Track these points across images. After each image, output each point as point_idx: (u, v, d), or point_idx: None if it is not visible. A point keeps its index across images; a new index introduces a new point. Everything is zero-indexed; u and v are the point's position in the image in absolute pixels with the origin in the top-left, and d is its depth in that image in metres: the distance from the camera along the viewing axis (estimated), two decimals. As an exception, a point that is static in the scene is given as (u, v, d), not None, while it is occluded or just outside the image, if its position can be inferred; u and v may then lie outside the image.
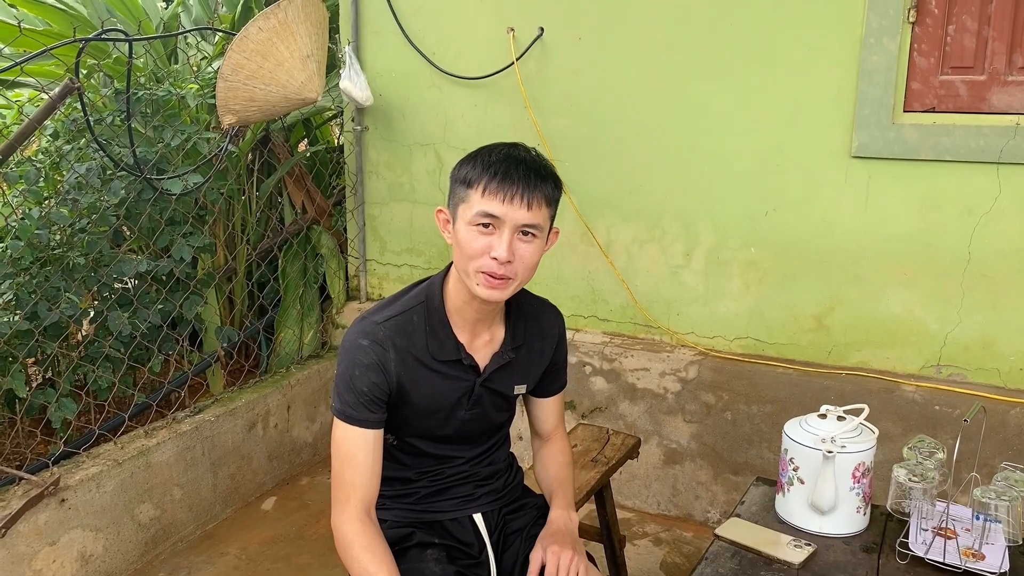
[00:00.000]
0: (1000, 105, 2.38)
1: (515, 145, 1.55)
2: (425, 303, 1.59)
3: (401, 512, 1.68)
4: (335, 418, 1.54)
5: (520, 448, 2.97)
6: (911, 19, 2.43)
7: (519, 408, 1.78)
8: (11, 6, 3.24)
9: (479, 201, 1.46)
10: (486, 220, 1.45)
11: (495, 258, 1.45)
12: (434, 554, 1.63)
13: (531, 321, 1.68)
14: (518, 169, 1.47)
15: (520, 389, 1.71)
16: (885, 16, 2.43)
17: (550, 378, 1.77)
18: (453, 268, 1.57)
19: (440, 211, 1.56)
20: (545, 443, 1.83)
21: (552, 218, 1.54)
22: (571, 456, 1.83)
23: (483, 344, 1.62)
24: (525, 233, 1.47)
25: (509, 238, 1.45)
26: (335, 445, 1.54)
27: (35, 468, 2.40)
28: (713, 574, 1.57)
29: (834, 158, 2.58)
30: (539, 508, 1.78)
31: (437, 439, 1.65)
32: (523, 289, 1.62)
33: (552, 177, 1.52)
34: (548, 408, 1.81)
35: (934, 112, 2.46)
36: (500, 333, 1.64)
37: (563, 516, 1.68)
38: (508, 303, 1.63)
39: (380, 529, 1.54)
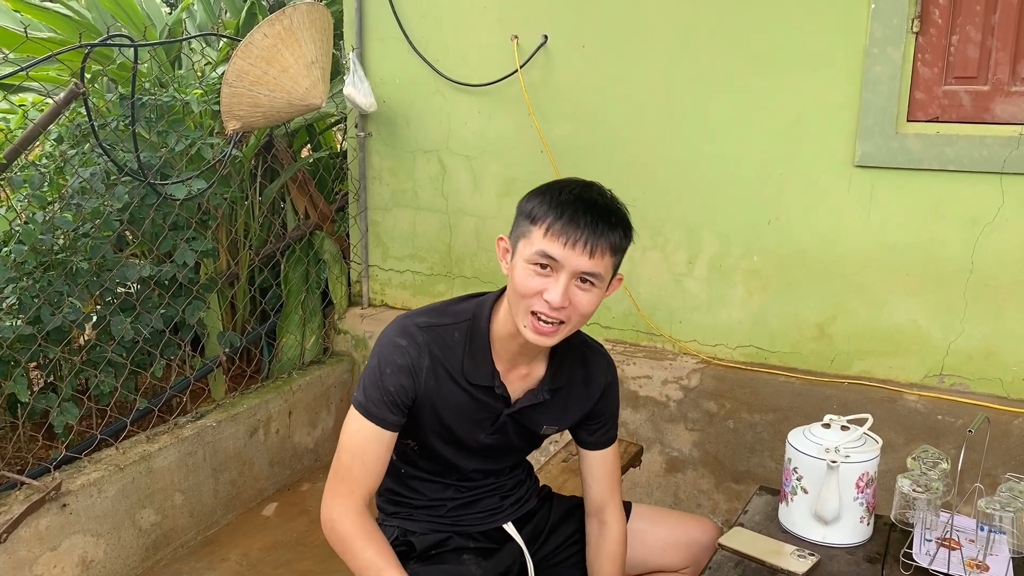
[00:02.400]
0: (1003, 115, 2.39)
1: (589, 185, 1.46)
2: (471, 321, 1.54)
3: (430, 524, 1.67)
4: (353, 409, 1.51)
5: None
6: (915, 29, 2.43)
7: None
8: (16, 12, 3.25)
9: (540, 240, 1.39)
10: (544, 261, 1.39)
11: (548, 301, 1.38)
12: (471, 557, 1.63)
13: (577, 364, 1.62)
14: (587, 213, 1.39)
15: (550, 430, 1.65)
16: (889, 26, 2.44)
17: (593, 427, 1.69)
18: (505, 297, 1.51)
19: (501, 239, 1.50)
20: (600, 529, 1.71)
21: (617, 267, 1.47)
22: (625, 548, 1.71)
23: (519, 377, 1.57)
24: (584, 280, 1.40)
25: (565, 283, 1.38)
26: (347, 436, 1.51)
27: (37, 473, 2.40)
28: (716, 584, 1.56)
29: (837, 167, 2.58)
30: (567, 506, 1.79)
31: (457, 457, 1.62)
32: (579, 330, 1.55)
33: (622, 225, 1.44)
34: (597, 465, 1.70)
35: (937, 122, 2.46)
36: (540, 370, 1.59)
37: None
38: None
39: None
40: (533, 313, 1.41)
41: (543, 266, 1.39)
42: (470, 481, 1.68)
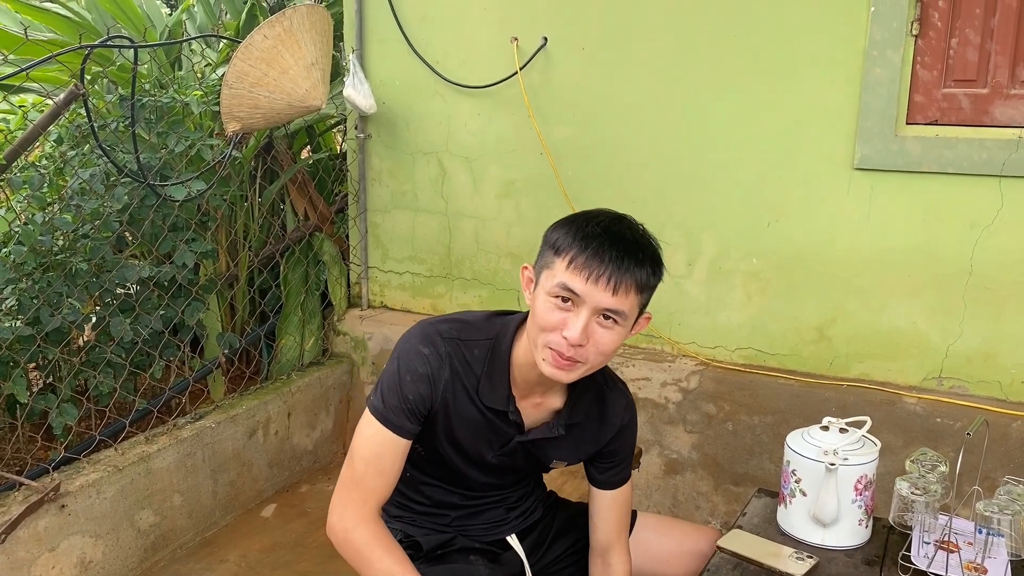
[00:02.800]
0: (1003, 118, 2.39)
1: (620, 219, 1.42)
2: (494, 342, 1.49)
3: (433, 529, 1.66)
4: (369, 413, 1.47)
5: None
6: (914, 32, 2.44)
7: None
8: (16, 13, 3.25)
9: (562, 273, 1.33)
10: (566, 295, 1.33)
11: (566, 337, 1.33)
12: (478, 558, 1.62)
13: (595, 401, 1.58)
14: (613, 247, 1.34)
15: (559, 464, 1.63)
16: (888, 29, 2.44)
17: (604, 467, 1.64)
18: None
19: (525, 268, 1.45)
20: (605, 568, 1.68)
21: (643, 306, 1.42)
22: None
23: (533, 405, 1.53)
24: (606, 317, 1.35)
25: (586, 319, 1.33)
26: (361, 442, 1.47)
27: (35, 474, 2.40)
28: (715, 586, 1.56)
29: (836, 170, 2.59)
30: (571, 514, 1.78)
31: (465, 470, 1.60)
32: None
33: (651, 261, 1.40)
34: (606, 506, 1.66)
35: (937, 125, 2.46)
36: (556, 402, 1.54)
37: None
38: None
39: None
40: (551, 349, 1.36)
41: (564, 299, 1.34)
42: (475, 492, 1.66)
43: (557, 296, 1.34)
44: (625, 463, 1.65)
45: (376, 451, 1.46)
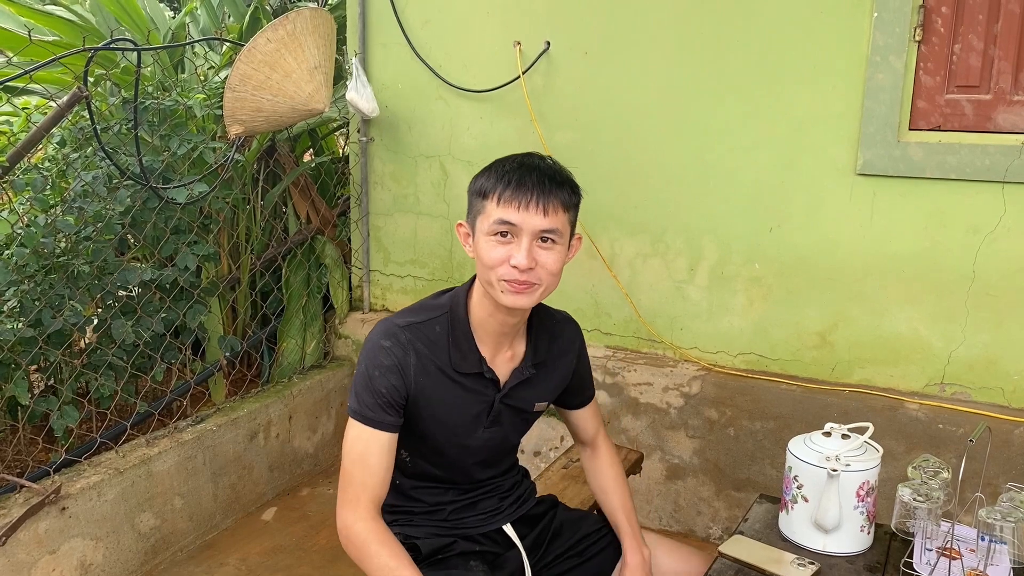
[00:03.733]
0: (1006, 124, 2.39)
1: (529, 154, 1.57)
2: (449, 313, 1.58)
3: (432, 528, 1.68)
4: (350, 418, 1.53)
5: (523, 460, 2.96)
6: (917, 38, 2.44)
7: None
8: (20, 16, 3.26)
9: (495, 210, 1.47)
10: (503, 228, 1.46)
11: (515, 266, 1.45)
12: (478, 563, 1.64)
13: (552, 338, 1.68)
14: (531, 176, 1.48)
15: (541, 406, 1.70)
16: (891, 34, 2.44)
17: (576, 391, 1.79)
18: (477, 282, 1.57)
19: (460, 225, 1.58)
20: (592, 453, 1.86)
21: (572, 224, 1.55)
22: (621, 467, 1.86)
23: (505, 360, 1.62)
24: (544, 239, 1.47)
25: (528, 245, 1.45)
26: (348, 445, 1.52)
27: (36, 476, 2.40)
28: (716, 592, 1.56)
29: (839, 175, 2.59)
30: (573, 517, 1.84)
31: (457, 457, 1.64)
32: (542, 304, 1.63)
33: (568, 183, 1.53)
34: (583, 419, 1.84)
35: (940, 131, 2.46)
36: (521, 349, 1.64)
37: (638, 556, 1.72)
38: (530, 320, 1.64)
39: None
40: (505, 281, 1.47)
41: (503, 234, 1.46)
42: (470, 483, 1.70)
43: (496, 233, 1.47)
44: (588, 381, 1.81)
45: (360, 450, 1.51)
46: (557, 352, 1.69)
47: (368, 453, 1.51)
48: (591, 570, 1.78)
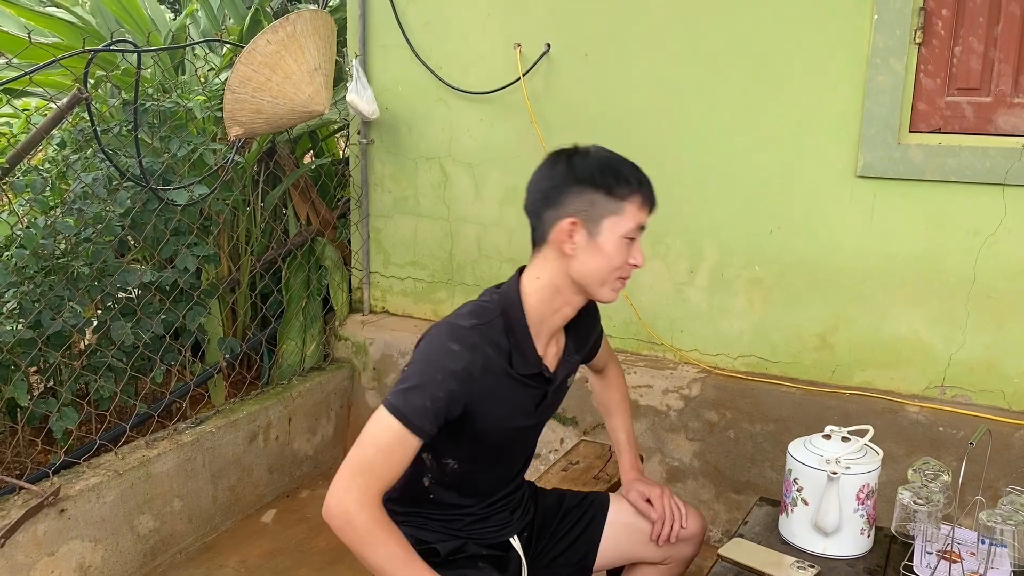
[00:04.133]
0: (1006, 127, 2.39)
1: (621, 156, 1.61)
2: (504, 316, 1.55)
3: (444, 534, 1.69)
4: (386, 410, 1.45)
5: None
6: (918, 40, 2.43)
7: None
8: (20, 17, 3.26)
9: (637, 213, 1.53)
10: (638, 233, 1.54)
11: (636, 264, 1.55)
12: (486, 568, 1.66)
13: (579, 319, 1.69)
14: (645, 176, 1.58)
15: (571, 379, 1.77)
16: (892, 37, 2.44)
17: (595, 348, 1.87)
18: (534, 281, 1.56)
19: (575, 223, 1.50)
20: (602, 375, 1.99)
21: None
22: (625, 390, 2.01)
23: (552, 354, 1.65)
24: None
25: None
26: (377, 431, 1.45)
27: (35, 478, 2.39)
28: (716, 595, 1.55)
29: (839, 177, 2.58)
30: (551, 501, 1.87)
31: (507, 454, 1.68)
32: None
33: None
34: (599, 357, 1.92)
35: (940, 133, 2.46)
36: (563, 340, 1.68)
37: (636, 462, 1.91)
38: None
39: None
40: (620, 279, 1.55)
41: (632, 237, 1.54)
42: (491, 496, 1.71)
43: (631, 237, 1.53)
44: (601, 332, 1.89)
45: (390, 442, 1.44)
46: (584, 331, 1.74)
47: (395, 450, 1.45)
48: (583, 541, 1.82)
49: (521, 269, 1.60)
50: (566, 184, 1.50)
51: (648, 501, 1.81)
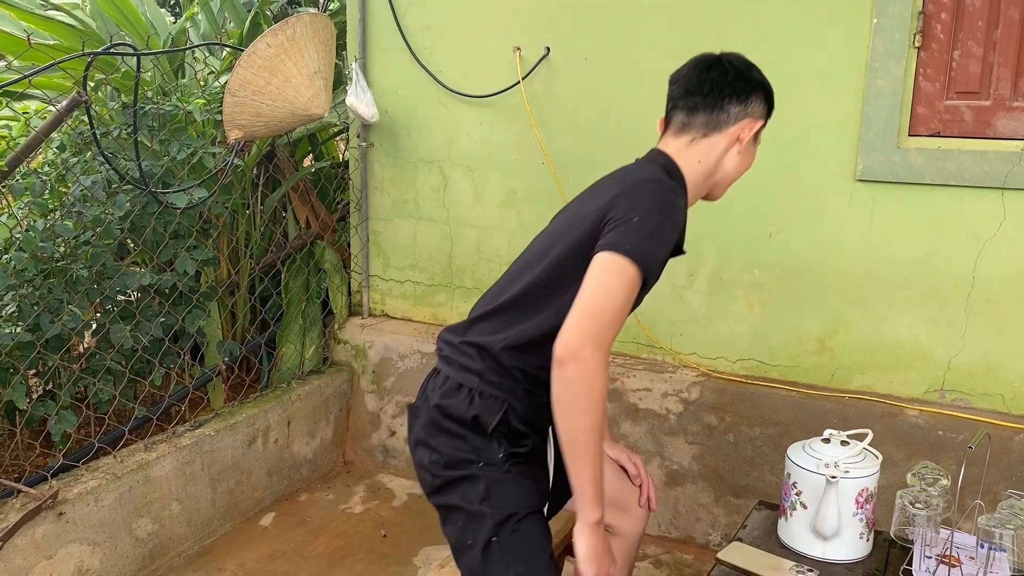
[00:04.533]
0: (1005, 131, 2.39)
1: None
2: (675, 185, 1.65)
3: (524, 410, 1.58)
4: (628, 260, 1.41)
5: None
6: (917, 44, 2.44)
7: None
8: (20, 20, 3.26)
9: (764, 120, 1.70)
10: None
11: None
12: (542, 473, 1.63)
13: None
14: None
15: None
16: (891, 41, 2.44)
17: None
18: (695, 164, 1.70)
19: (761, 125, 1.70)
20: None
21: None
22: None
23: None
24: None
25: None
26: (617, 287, 1.41)
27: (34, 481, 2.39)
28: (714, 599, 1.55)
29: (839, 181, 2.58)
30: None
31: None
32: None
33: None
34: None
35: (939, 137, 2.46)
36: None
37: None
38: None
39: None
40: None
41: None
42: None
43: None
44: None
45: (627, 298, 1.42)
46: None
47: (628, 305, 1.42)
48: None
49: (653, 151, 1.74)
50: (755, 88, 1.67)
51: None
